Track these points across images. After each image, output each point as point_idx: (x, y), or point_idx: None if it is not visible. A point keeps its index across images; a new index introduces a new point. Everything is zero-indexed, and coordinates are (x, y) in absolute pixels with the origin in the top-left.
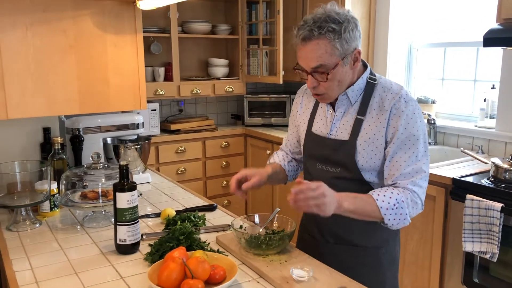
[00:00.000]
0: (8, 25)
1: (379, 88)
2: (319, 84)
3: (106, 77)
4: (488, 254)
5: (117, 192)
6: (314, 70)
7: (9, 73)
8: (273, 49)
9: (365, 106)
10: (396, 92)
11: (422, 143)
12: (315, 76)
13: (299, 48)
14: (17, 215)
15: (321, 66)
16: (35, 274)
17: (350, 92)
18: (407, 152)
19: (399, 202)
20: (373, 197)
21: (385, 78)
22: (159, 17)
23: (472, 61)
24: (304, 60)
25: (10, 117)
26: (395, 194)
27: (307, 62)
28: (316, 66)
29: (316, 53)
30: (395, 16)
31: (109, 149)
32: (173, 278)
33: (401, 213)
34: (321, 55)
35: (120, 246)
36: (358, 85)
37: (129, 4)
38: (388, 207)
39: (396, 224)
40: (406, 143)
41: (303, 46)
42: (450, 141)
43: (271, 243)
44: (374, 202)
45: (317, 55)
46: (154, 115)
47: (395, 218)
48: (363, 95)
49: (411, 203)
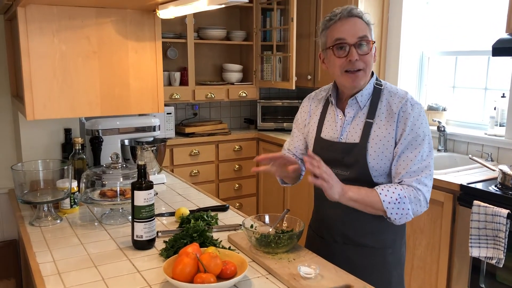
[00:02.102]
0: (36, 32)
1: (385, 92)
2: (360, 58)
3: (126, 82)
4: (494, 259)
5: (135, 190)
6: (360, 40)
7: (37, 77)
8: (287, 55)
9: (373, 110)
10: (402, 96)
11: (427, 144)
12: (358, 49)
13: (342, 22)
14: (39, 211)
15: (365, 36)
16: (57, 266)
17: (359, 96)
18: (413, 152)
19: (402, 198)
20: (376, 190)
21: (390, 83)
22: (176, 23)
23: (483, 70)
24: (350, 31)
25: (37, 118)
26: (398, 190)
27: (355, 32)
28: (362, 36)
29: (362, 25)
30: (407, 24)
31: (126, 150)
32: (187, 272)
33: (403, 208)
34: (365, 29)
35: (137, 242)
36: (366, 90)
37: (150, 13)
38: (390, 201)
39: (399, 218)
40: (412, 143)
41: (348, 20)
42: (460, 148)
43: (280, 242)
44: (378, 195)
45: (363, 27)
46: (170, 118)
47: (397, 213)
48: (371, 99)
49: (414, 199)
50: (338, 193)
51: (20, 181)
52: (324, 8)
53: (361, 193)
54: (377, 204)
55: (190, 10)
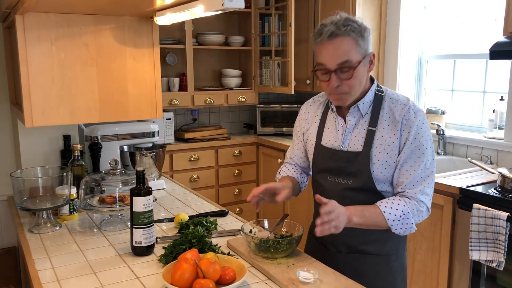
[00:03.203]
0: (35, 39)
1: (387, 99)
2: (342, 83)
3: (125, 88)
4: (495, 262)
5: (134, 197)
6: (340, 66)
7: (35, 84)
8: (285, 60)
9: (375, 117)
10: (404, 103)
11: (430, 152)
12: (338, 74)
13: (324, 46)
14: (38, 218)
15: (347, 62)
16: (56, 272)
17: (361, 104)
18: (416, 161)
19: (405, 214)
20: (380, 208)
21: (391, 90)
22: (174, 29)
23: (482, 73)
24: (331, 56)
25: (35, 125)
26: (401, 206)
27: (334, 59)
28: (342, 62)
29: (343, 49)
30: (405, 28)
31: (125, 156)
32: (186, 278)
33: (407, 223)
34: (348, 51)
35: (136, 248)
36: (368, 97)
37: (147, 20)
38: (394, 219)
39: (403, 232)
40: (415, 152)
41: (329, 42)
42: (459, 152)
43: (279, 247)
44: (381, 213)
45: (344, 51)
46: (169, 124)
47: (401, 228)
48: (373, 107)
49: (416, 212)
50: (344, 226)
51: (19, 188)
52: (322, 13)
53: (365, 215)
54: (382, 223)
55: (187, 16)
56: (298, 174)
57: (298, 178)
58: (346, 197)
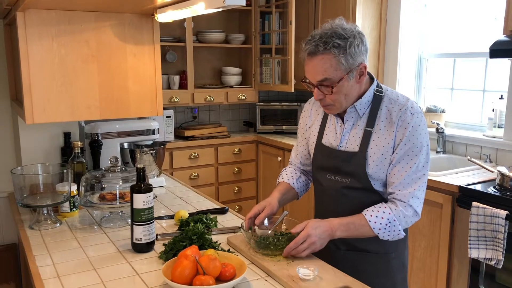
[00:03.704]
0: (35, 36)
1: (385, 100)
2: (325, 97)
3: (125, 85)
4: (494, 261)
5: (134, 193)
6: (320, 83)
7: (36, 81)
8: (285, 58)
9: (373, 118)
10: (402, 104)
11: (424, 154)
12: (321, 89)
13: (306, 62)
14: (39, 215)
15: (326, 79)
16: (57, 269)
17: (358, 105)
18: (408, 163)
19: (391, 221)
20: (365, 218)
21: (391, 89)
22: (175, 27)
23: (481, 72)
24: (310, 73)
25: (36, 122)
26: (386, 214)
27: (313, 76)
28: (321, 80)
29: (321, 67)
30: (405, 27)
31: (125, 153)
32: (186, 274)
33: (394, 230)
34: (326, 69)
35: (136, 245)
36: (366, 98)
37: (148, 17)
38: (380, 227)
39: (392, 238)
40: (408, 153)
41: (309, 60)
42: (459, 150)
43: (279, 244)
44: (367, 223)
45: (322, 69)
46: (169, 122)
47: (389, 234)
48: (371, 107)
49: (403, 219)
50: (327, 240)
51: (19, 185)
52: (322, 11)
53: (349, 228)
54: (368, 233)
55: (188, 13)
56: (295, 180)
57: (294, 184)
58: (345, 195)
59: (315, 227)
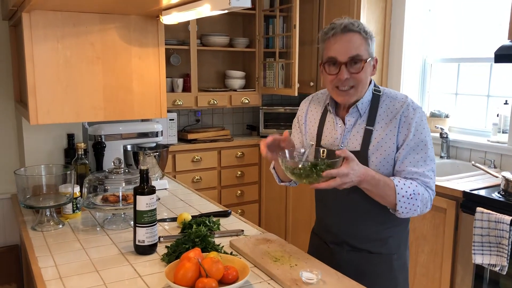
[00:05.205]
0: (41, 37)
1: (384, 98)
2: (351, 76)
3: (130, 87)
4: (498, 267)
5: (137, 195)
6: (351, 59)
7: (41, 82)
8: (289, 62)
9: (373, 116)
10: (402, 100)
11: (430, 148)
12: (348, 68)
13: (336, 39)
14: (41, 216)
15: (358, 55)
16: (59, 270)
17: (360, 104)
18: (415, 157)
19: (415, 194)
20: (393, 182)
21: (388, 89)
22: (179, 30)
23: (486, 77)
24: (342, 49)
25: (40, 123)
26: (413, 186)
27: (346, 51)
28: (354, 55)
29: (354, 42)
30: (409, 31)
31: (129, 155)
32: (189, 277)
33: (413, 204)
34: (359, 46)
35: (139, 247)
36: (366, 97)
37: (153, 19)
38: (404, 195)
39: (406, 213)
40: (415, 148)
41: (342, 36)
42: (463, 155)
43: (320, 169)
44: (394, 187)
45: (356, 45)
46: (172, 125)
47: (406, 207)
48: (370, 106)
49: (424, 199)
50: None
51: (23, 186)
52: (326, 15)
53: (379, 184)
54: (390, 198)
55: (193, 15)
56: None
57: None
58: (347, 194)
59: (354, 170)
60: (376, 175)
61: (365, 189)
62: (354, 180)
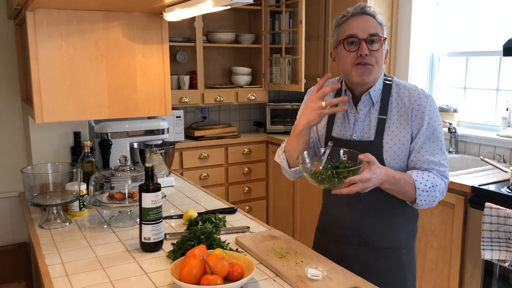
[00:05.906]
0: (45, 36)
1: (395, 87)
2: (370, 54)
3: (134, 84)
4: (507, 262)
5: (143, 193)
6: (371, 36)
7: (45, 80)
8: (296, 57)
9: (385, 105)
10: (413, 89)
11: (442, 137)
12: (368, 45)
13: (355, 19)
14: (48, 214)
15: (377, 34)
16: (66, 267)
17: (372, 92)
18: (431, 146)
19: (434, 186)
20: (412, 177)
21: (397, 78)
22: (184, 27)
23: (495, 70)
24: (363, 26)
25: (45, 121)
26: (431, 178)
27: (365, 28)
28: (373, 33)
29: (373, 22)
30: (417, 25)
31: (135, 153)
32: (194, 274)
33: (432, 196)
34: (377, 27)
35: (145, 244)
36: (378, 85)
37: (157, 16)
38: (424, 188)
39: (425, 205)
40: (430, 137)
41: (361, 16)
42: (472, 150)
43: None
44: (413, 183)
45: (374, 24)
46: (179, 122)
47: (425, 200)
48: (382, 95)
49: (441, 189)
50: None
51: (30, 184)
52: (333, 9)
53: (399, 183)
54: (410, 193)
55: (196, 12)
56: None
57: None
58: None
59: (376, 173)
60: (397, 174)
61: (386, 189)
62: (376, 183)
